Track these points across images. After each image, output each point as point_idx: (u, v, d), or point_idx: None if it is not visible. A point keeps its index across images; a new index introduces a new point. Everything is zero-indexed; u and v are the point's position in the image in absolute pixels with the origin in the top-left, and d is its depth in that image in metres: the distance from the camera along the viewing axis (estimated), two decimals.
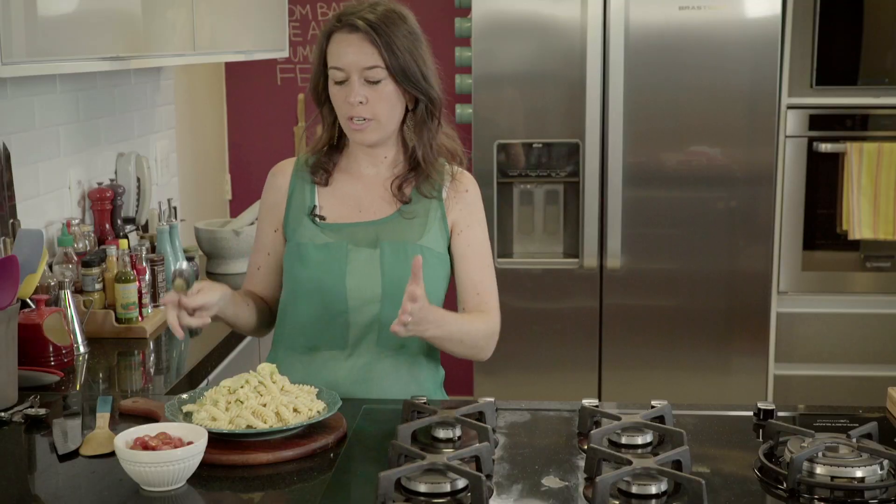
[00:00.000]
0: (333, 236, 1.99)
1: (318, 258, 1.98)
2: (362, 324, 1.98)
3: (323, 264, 1.97)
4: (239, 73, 4.36)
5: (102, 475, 1.60)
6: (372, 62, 1.91)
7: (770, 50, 3.45)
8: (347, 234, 2.00)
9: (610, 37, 3.43)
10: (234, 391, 1.72)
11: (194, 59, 2.96)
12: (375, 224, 2.01)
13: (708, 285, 3.60)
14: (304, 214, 2.02)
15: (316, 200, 2.03)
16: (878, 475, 1.51)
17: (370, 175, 2.04)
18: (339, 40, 1.93)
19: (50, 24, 2.19)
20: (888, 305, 3.70)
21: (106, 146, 3.10)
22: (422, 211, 2.01)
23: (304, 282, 1.99)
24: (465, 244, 2.03)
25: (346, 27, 1.92)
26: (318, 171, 2.04)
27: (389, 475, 1.46)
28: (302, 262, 1.99)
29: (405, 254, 1.96)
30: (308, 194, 2.04)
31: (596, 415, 1.76)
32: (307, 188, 2.04)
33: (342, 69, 1.92)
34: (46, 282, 2.39)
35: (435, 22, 4.29)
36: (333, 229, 2.00)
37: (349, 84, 1.92)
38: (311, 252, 1.98)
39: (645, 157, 3.53)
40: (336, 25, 1.94)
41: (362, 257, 1.97)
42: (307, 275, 1.98)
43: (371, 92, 1.92)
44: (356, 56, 1.91)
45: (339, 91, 1.94)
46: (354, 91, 1.91)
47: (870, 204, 3.56)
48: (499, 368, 3.68)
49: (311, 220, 2.01)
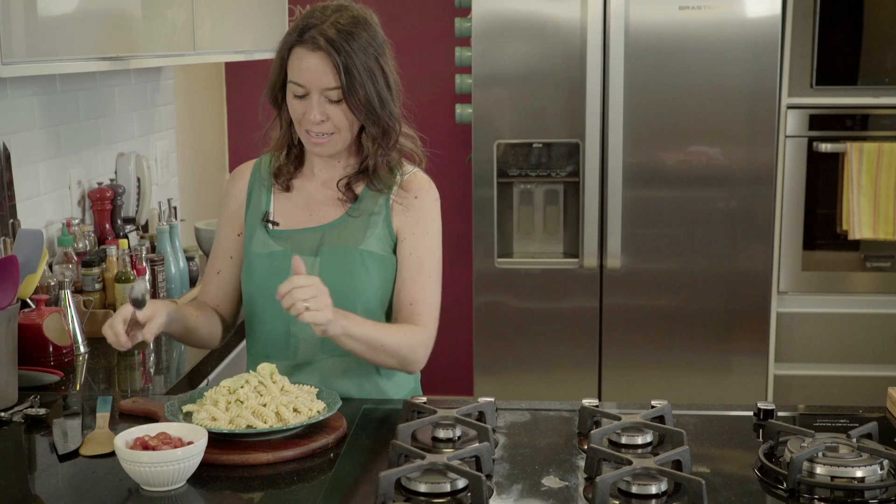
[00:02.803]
0: (281, 244, 1.98)
1: (263, 268, 1.97)
2: (307, 334, 1.95)
3: (267, 275, 1.96)
4: (239, 73, 4.36)
5: (102, 475, 1.60)
6: (332, 83, 1.87)
7: (770, 50, 3.45)
8: (295, 241, 1.98)
9: (610, 37, 3.43)
10: (234, 391, 1.72)
11: (194, 59, 2.96)
12: (322, 229, 1.98)
13: (708, 285, 3.60)
14: (258, 220, 2.01)
15: (270, 206, 2.02)
16: (878, 475, 1.51)
17: (323, 178, 2.02)
18: (300, 55, 1.88)
19: (50, 24, 2.19)
20: (888, 305, 3.70)
21: (106, 146, 3.10)
22: (368, 210, 1.98)
23: (254, 293, 1.99)
24: (407, 252, 1.98)
25: (308, 43, 1.87)
26: (279, 176, 2.02)
27: (389, 475, 1.46)
28: (249, 273, 1.99)
29: (345, 260, 1.94)
30: (264, 200, 2.03)
31: (596, 415, 1.76)
32: (264, 193, 2.03)
33: (302, 86, 1.89)
34: (46, 282, 2.39)
35: (435, 22, 4.31)
36: (283, 236, 1.99)
37: (309, 101, 1.89)
38: (256, 262, 1.98)
39: (645, 157, 3.53)
40: (297, 39, 1.89)
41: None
42: (255, 286, 1.98)
43: (331, 109, 1.89)
44: (316, 76, 1.87)
45: (299, 104, 1.91)
46: (314, 109, 1.89)
47: (870, 204, 3.56)
48: (499, 368, 3.68)
49: (264, 226, 2.00)
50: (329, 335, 1.82)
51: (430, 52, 4.25)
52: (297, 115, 1.93)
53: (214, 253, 2.09)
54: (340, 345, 1.87)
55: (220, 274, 2.07)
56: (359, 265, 1.95)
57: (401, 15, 4.31)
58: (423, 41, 4.27)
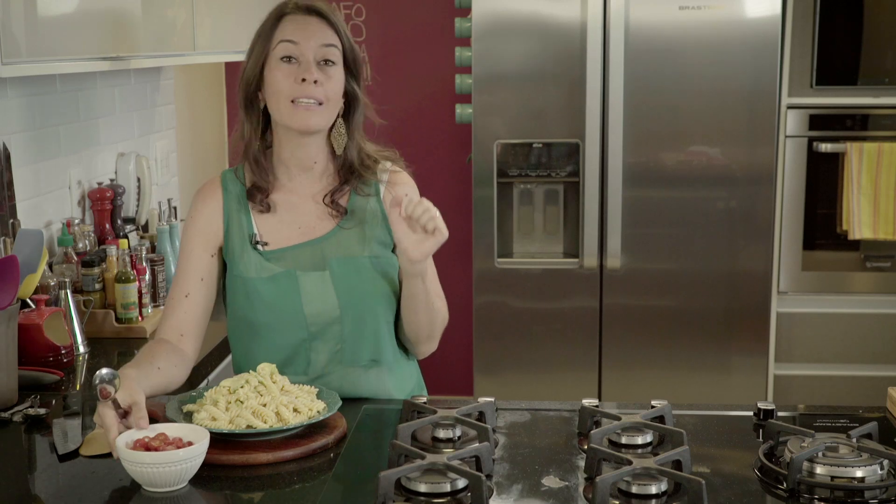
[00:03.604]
0: (280, 264, 1.90)
1: (270, 293, 1.89)
2: (326, 348, 1.92)
3: (276, 299, 1.89)
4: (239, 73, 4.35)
5: (102, 475, 1.60)
6: (331, 40, 1.88)
7: (770, 50, 3.45)
8: (293, 259, 1.91)
9: (610, 37, 3.43)
10: (234, 391, 1.72)
11: (194, 59, 2.96)
12: (319, 242, 1.93)
13: (708, 285, 3.60)
14: (245, 243, 1.92)
15: (254, 228, 1.93)
16: (878, 475, 1.51)
17: (303, 187, 1.96)
18: (293, 20, 1.89)
19: (50, 24, 2.19)
20: (888, 305, 3.70)
21: (106, 146, 3.10)
22: (360, 218, 1.95)
23: (259, 317, 1.90)
24: None
25: (302, 10, 1.89)
26: (255, 195, 1.94)
27: (389, 475, 1.46)
28: (251, 300, 1.90)
29: (355, 269, 1.91)
30: (245, 220, 1.93)
31: (596, 415, 1.76)
32: (243, 215, 1.94)
33: (297, 42, 1.87)
34: (46, 282, 2.39)
35: (435, 22, 4.31)
36: (278, 256, 1.91)
37: (302, 63, 1.87)
38: (261, 288, 1.89)
39: (645, 157, 3.53)
40: (289, 8, 1.90)
41: (314, 281, 1.90)
42: (261, 312, 1.90)
43: (323, 75, 1.87)
44: (314, 31, 1.87)
45: (287, 70, 1.87)
46: (311, 69, 1.86)
47: (870, 204, 3.56)
48: (499, 368, 3.68)
49: (254, 248, 1.91)
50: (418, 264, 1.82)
51: (430, 52, 4.25)
52: (284, 82, 1.87)
53: (181, 275, 1.93)
54: (411, 285, 1.88)
55: (188, 297, 1.91)
56: (370, 271, 1.92)
57: (401, 15, 4.31)
58: (423, 41, 4.27)
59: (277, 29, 1.90)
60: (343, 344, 1.92)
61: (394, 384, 1.99)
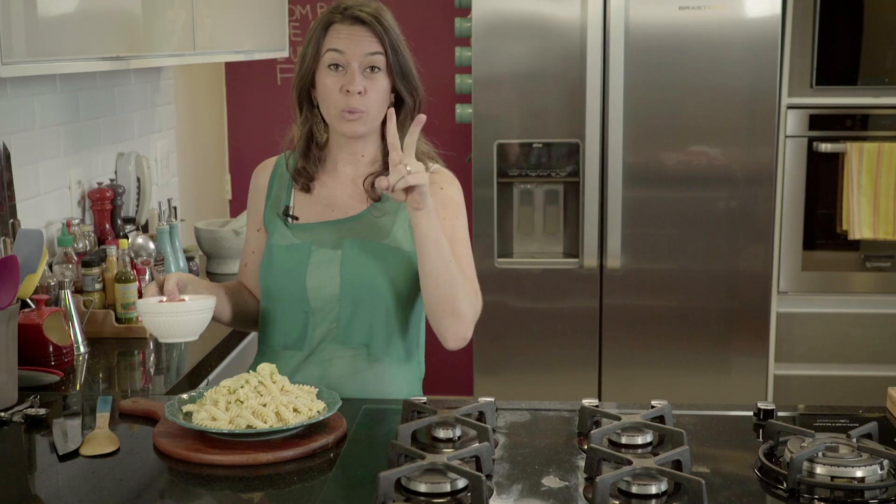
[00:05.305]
0: (301, 237, 2.01)
1: (282, 260, 1.99)
2: (323, 324, 1.99)
3: (286, 266, 1.99)
4: (239, 73, 4.36)
5: (102, 475, 1.60)
6: (375, 48, 1.93)
7: (770, 50, 3.45)
8: (314, 234, 2.00)
9: (610, 37, 3.43)
10: (234, 391, 1.72)
11: (194, 59, 2.96)
12: (343, 222, 2.01)
13: (708, 285, 3.60)
14: (277, 214, 2.05)
15: (291, 200, 2.05)
16: (878, 475, 1.51)
17: (347, 173, 2.04)
18: (339, 29, 1.94)
19: (50, 24, 2.19)
20: (888, 305, 3.70)
21: (106, 146, 3.10)
22: (392, 208, 2.00)
23: (271, 284, 2.01)
24: None
25: (349, 19, 1.94)
26: (300, 176, 2.04)
27: (389, 475, 1.46)
28: (268, 264, 2.01)
29: (367, 253, 1.96)
30: (285, 194, 2.06)
31: (596, 415, 1.76)
32: (285, 188, 2.06)
33: (343, 52, 1.92)
34: (46, 282, 2.40)
35: (435, 22, 4.31)
36: (302, 230, 2.02)
37: (348, 72, 1.92)
38: (276, 254, 2.00)
39: (645, 157, 3.53)
40: (337, 17, 1.95)
41: (324, 257, 1.98)
42: (273, 277, 2.00)
43: (368, 82, 1.93)
44: (358, 41, 1.92)
45: (335, 78, 1.93)
46: (355, 80, 1.91)
47: (870, 204, 3.56)
48: (499, 368, 3.68)
49: (283, 220, 2.03)
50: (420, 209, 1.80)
51: (430, 52, 4.23)
52: (332, 90, 1.93)
53: (244, 246, 2.15)
54: (422, 234, 1.83)
55: (247, 266, 2.13)
56: (381, 260, 1.96)
57: (401, 15, 4.28)
58: (423, 41, 4.25)
59: (326, 37, 1.96)
60: (337, 323, 1.97)
61: (389, 378, 2.00)
